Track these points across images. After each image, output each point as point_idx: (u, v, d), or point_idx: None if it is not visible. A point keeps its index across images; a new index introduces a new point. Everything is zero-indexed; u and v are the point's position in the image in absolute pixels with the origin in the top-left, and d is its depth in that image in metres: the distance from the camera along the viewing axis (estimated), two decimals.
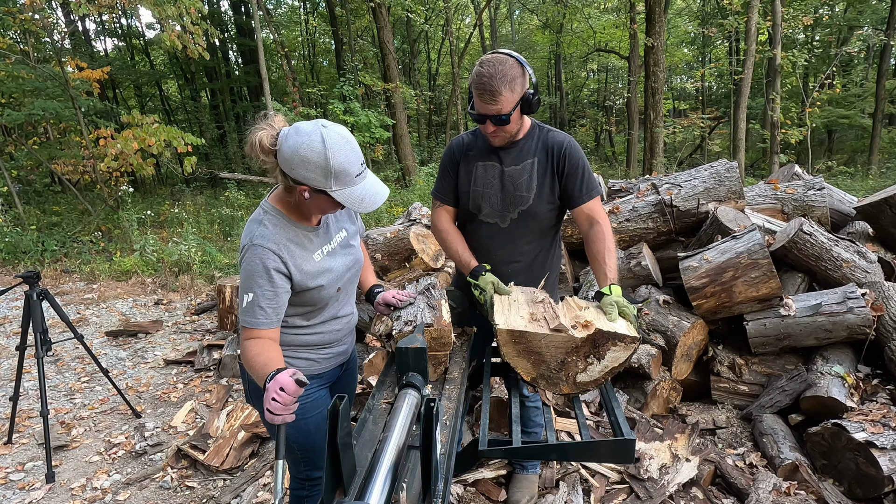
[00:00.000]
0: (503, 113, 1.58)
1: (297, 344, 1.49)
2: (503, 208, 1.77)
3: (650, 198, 3.39)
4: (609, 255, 1.65)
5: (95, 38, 17.96)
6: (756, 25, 9.86)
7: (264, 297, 1.30)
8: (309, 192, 1.29)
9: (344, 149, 1.26)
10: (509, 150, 1.76)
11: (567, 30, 18.00)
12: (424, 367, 1.29)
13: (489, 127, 1.64)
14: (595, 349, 1.37)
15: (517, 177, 1.74)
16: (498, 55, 1.58)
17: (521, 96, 1.60)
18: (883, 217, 3.16)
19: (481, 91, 1.56)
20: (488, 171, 1.77)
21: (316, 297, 1.43)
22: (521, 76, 1.59)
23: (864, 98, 15.70)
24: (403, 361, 1.29)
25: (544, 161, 1.74)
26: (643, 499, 2.09)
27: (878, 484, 2.05)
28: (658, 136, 10.86)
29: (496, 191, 1.77)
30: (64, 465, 2.81)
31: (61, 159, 9.37)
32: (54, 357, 4.23)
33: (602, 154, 19.96)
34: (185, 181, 12.98)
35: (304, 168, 1.25)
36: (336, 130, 1.28)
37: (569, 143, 1.74)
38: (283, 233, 1.35)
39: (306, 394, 1.51)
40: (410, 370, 1.28)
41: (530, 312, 1.48)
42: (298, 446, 1.54)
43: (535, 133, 1.77)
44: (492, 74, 1.54)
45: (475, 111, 1.63)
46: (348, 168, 1.27)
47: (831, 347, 2.67)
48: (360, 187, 1.31)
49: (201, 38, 7.60)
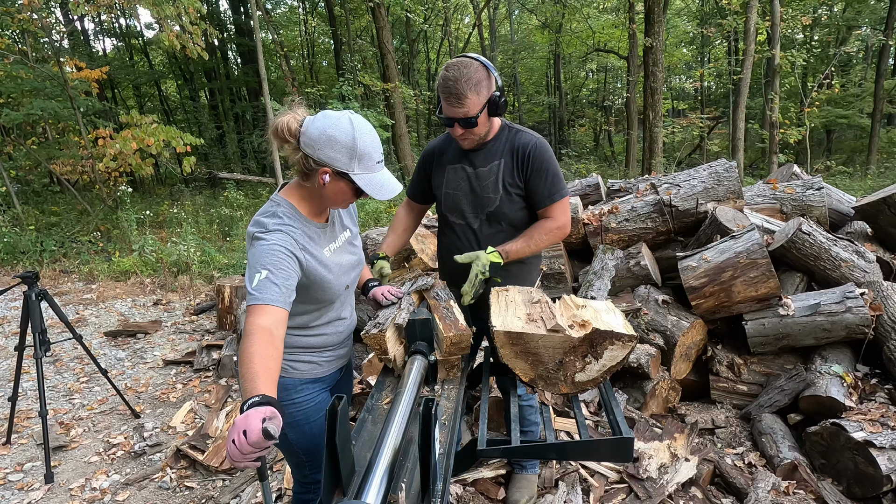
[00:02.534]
0: (470, 115, 1.61)
1: (299, 346, 1.49)
2: (472, 210, 1.81)
3: (649, 198, 3.39)
4: (524, 239, 1.74)
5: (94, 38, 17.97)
6: (755, 25, 9.87)
7: (279, 275, 1.23)
8: (330, 175, 1.31)
9: (370, 134, 1.32)
10: (478, 151, 1.79)
11: (566, 30, 18.01)
12: (430, 335, 1.44)
13: (457, 130, 1.67)
14: (593, 348, 1.37)
15: (484, 178, 1.77)
16: (463, 59, 1.61)
17: (487, 99, 1.62)
18: (881, 217, 3.17)
19: (447, 94, 1.59)
20: (458, 174, 1.82)
21: (325, 291, 1.43)
22: (487, 79, 1.62)
23: (863, 98, 15.70)
24: (411, 332, 1.45)
25: (510, 162, 1.76)
26: (642, 498, 2.09)
27: (877, 483, 2.05)
28: (657, 135, 10.86)
29: (465, 193, 1.81)
30: (63, 465, 2.81)
31: (60, 159, 9.36)
32: (53, 357, 4.23)
33: (601, 154, 19.95)
34: (183, 181, 12.97)
35: (331, 148, 1.27)
36: (362, 117, 1.34)
37: (534, 145, 1.75)
38: (297, 224, 1.36)
39: (309, 398, 1.51)
40: (417, 339, 1.43)
41: (527, 313, 1.48)
42: (303, 450, 1.54)
43: (504, 134, 1.79)
44: (457, 78, 1.57)
45: (443, 115, 1.66)
46: (372, 153, 1.31)
47: (830, 347, 2.68)
48: (380, 175, 1.35)
49: (200, 38, 7.59)
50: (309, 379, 1.51)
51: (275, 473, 2.44)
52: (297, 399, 1.49)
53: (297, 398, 1.49)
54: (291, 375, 1.48)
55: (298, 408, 1.49)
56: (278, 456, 2.62)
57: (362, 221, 8.15)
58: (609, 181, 4.25)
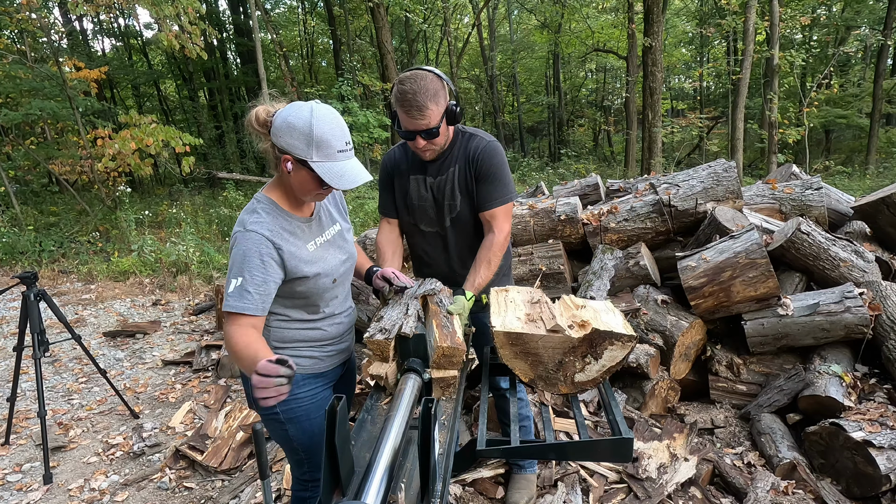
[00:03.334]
0: (431, 126, 1.61)
1: (300, 340, 1.49)
2: (438, 217, 1.82)
3: (648, 198, 3.39)
4: (485, 267, 1.70)
5: (93, 38, 17.94)
6: (754, 25, 9.87)
7: (253, 282, 1.29)
8: (292, 164, 1.30)
9: (330, 122, 1.29)
10: (435, 161, 1.79)
11: (565, 30, 18.00)
12: (424, 351, 1.32)
13: (419, 142, 1.66)
14: (592, 349, 1.37)
15: (443, 186, 1.78)
16: (417, 72, 1.61)
17: (445, 108, 1.63)
18: (880, 216, 3.17)
19: (408, 107, 1.58)
20: (420, 184, 1.83)
21: (312, 287, 1.43)
22: (442, 89, 1.62)
23: (862, 98, 15.73)
24: (405, 347, 1.33)
25: (464, 167, 1.77)
26: (642, 498, 2.09)
27: (876, 483, 2.06)
28: (656, 135, 10.87)
29: (430, 202, 1.82)
30: (62, 466, 2.81)
31: (59, 159, 9.35)
32: (52, 358, 4.22)
33: (600, 154, 19.96)
34: (183, 181, 12.95)
35: (290, 135, 1.28)
36: (327, 107, 1.31)
37: (483, 148, 1.75)
38: (277, 221, 1.36)
39: (311, 394, 1.51)
40: (411, 356, 1.32)
41: (527, 313, 1.47)
42: (302, 447, 1.54)
43: (458, 140, 1.80)
44: (415, 90, 1.57)
45: (403, 129, 1.65)
46: (331, 140, 1.28)
47: (829, 347, 2.68)
48: (342, 164, 1.30)
49: (199, 38, 7.59)
50: (311, 374, 1.51)
51: (274, 474, 2.44)
52: (300, 394, 1.50)
53: (299, 393, 1.49)
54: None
55: (300, 403, 1.50)
56: (278, 456, 2.62)
57: (362, 221, 8.14)
58: (608, 181, 4.25)
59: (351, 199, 9.11)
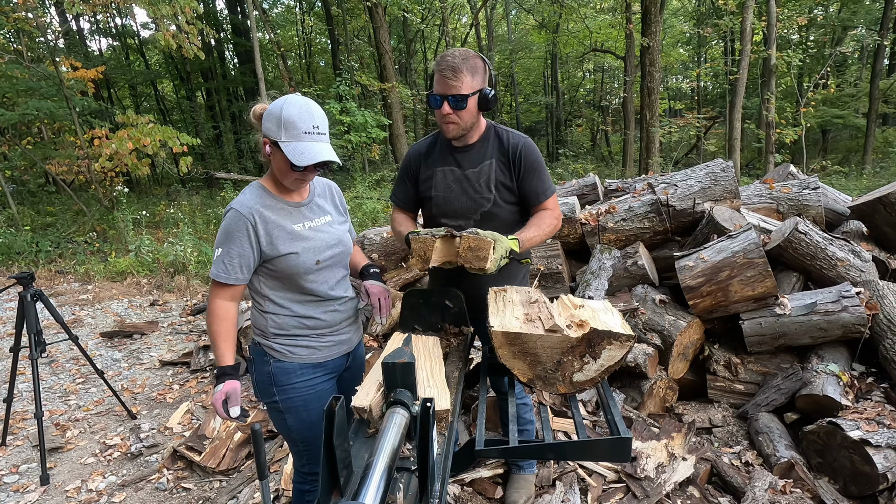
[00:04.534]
0: (461, 93, 1.61)
1: (295, 327, 1.52)
2: (466, 211, 1.80)
3: (646, 197, 3.40)
4: (536, 227, 1.71)
5: (90, 38, 17.88)
6: (751, 25, 9.89)
7: (228, 254, 1.43)
8: (269, 146, 1.43)
9: (299, 106, 1.39)
10: (466, 152, 1.78)
11: (563, 30, 18.02)
12: (412, 382, 1.18)
13: (445, 108, 1.65)
14: (591, 348, 1.37)
15: (475, 179, 1.77)
16: (463, 49, 1.66)
17: (480, 87, 1.65)
18: (877, 216, 3.18)
19: (443, 68, 1.61)
20: (447, 176, 1.80)
21: (293, 265, 1.48)
22: (483, 70, 1.65)
23: (859, 98, 15.78)
24: (390, 378, 1.19)
25: (502, 162, 1.76)
26: (640, 497, 2.10)
27: (873, 481, 2.06)
28: (654, 135, 10.88)
29: (457, 195, 1.79)
30: (59, 467, 2.80)
31: (56, 159, 9.32)
32: (49, 358, 4.21)
33: (598, 154, 19.98)
34: (180, 181, 12.93)
35: (268, 120, 1.41)
36: (304, 97, 1.43)
37: (524, 145, 1.76)
38: (260, 200, 1.47)
39: (309, 384, 1.55)
40: (398, 386, 1.19)
41: (525, 313, 1.47)
42: (300, 438, 1.56)
43: (492, 134, 1.79)
44: (455, 55, 1.62)
45: (434, 93, 1.67)
46: (297, 122, 1.38)
47: (826, 346, 2.69)
48: (305, 145, 1.39)
49: (197, 38, 7.57)
50: (308, 364, 1.54)
51: (272, 474, 2.44)
52: (297, 384, 1.52)
53: (296, 383, 1.52)
54: (290, 360, 1.52)
55: (298, 393, 1.52)
56: (276, 456, 2.61)
57: (360, 221, 8.13)
58: (606, 181, 4.26)
59: (349, 199, 9.10)
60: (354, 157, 12.07)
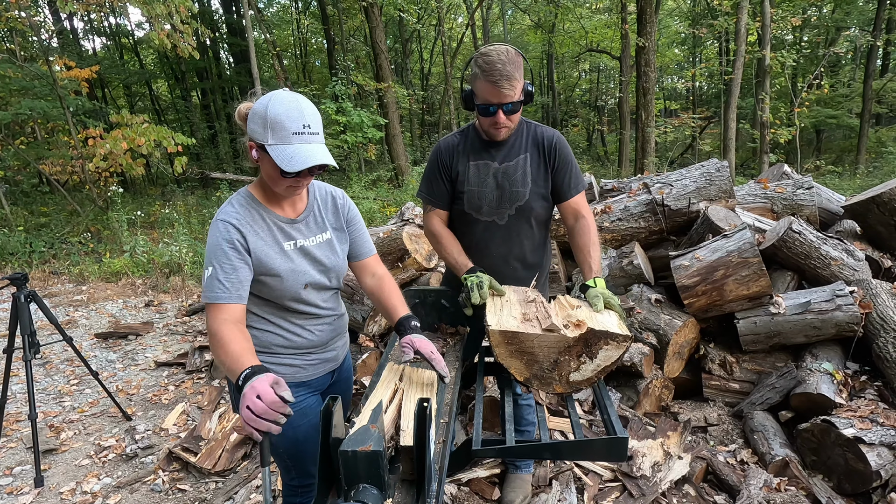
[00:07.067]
0: (516, 99, 1.59)
1: (278, 345, 1.44)
2: (500, 205, 1.77)
3: (642, 197, 3.41)
4: (594, 248, 1.69)
5: (84, 37, 17.78)
6: (745, 26, 9.95)
7: (222, 271, 1.28)
8: (256, 150, 1.30)
9: (286, 104, 1.25)
10: (500, 146, 1.76)
11: (559, 30, 18.05)
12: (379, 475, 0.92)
13: (500, 117, 1.62)
14: (587, 348, 1.37)
15: (512, 173, 1.75)
16: (499, 45, 1.59)
17: (523, 85, 1.62)
18: (870, 215, 3.20)
19: (497, 77, 1.54)
20: (481, 170, 1.77)
21: (279, 287, 1.37)
22: (521, 65, 1.61)
23: (852, 98, 15.88)
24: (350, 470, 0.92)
25: (536, 156, 1.75)
26: (636, 496, 2.10)
27: (867, 479, 2.08)
28: (649, 135, 10.92)
29: (491, 188, 1.76)
30: (53, 469, 2.78)
31: (49, 159, 9.25)
32: (43, 360, 4.18)
33: (594, 154, 20.04)
34: (175, 181, 12.87)
35: (253, 121, 1.28)
36: (292, 93, 1.30)
37: (558, 138, 1.77)
38: (248, 213, 1.35)
39: (295, 402, 1.46)
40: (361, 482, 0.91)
41: (522, 313, 1.47)
42: (288, 455, 1.51)
43: (524, 128, 1.78)
44: (504, 61, 1.54)
45: (484, 102, 1.60)
46: (285, 122, 1.23)
47: (820, 345, 2.70)
48: (295, 147, 1.24)
49: (191, 38, 7.54)
50: (293, 383, 1.46)
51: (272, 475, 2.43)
52: None
53: None
54: None
55: None
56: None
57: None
58: (602, 181, 4.27)
59: None
60: (350, 158, 12.05)
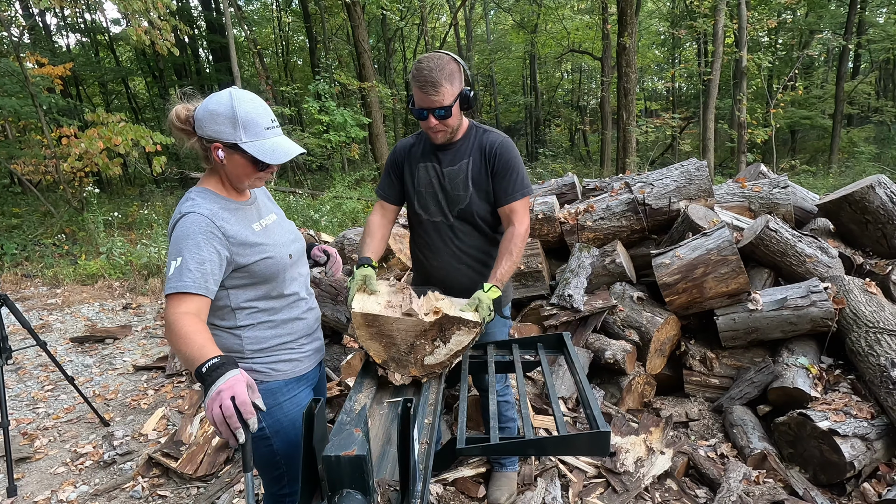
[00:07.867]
0: (444, 105, 1.64)
1: (272, 340, 1.42)
2: (444, 207, 1.83)
3: (623, 196, 3.45)
4: (507, 258, 1.71)
5: (57, 34, 17.27)
6: (723, 28, 10.15)
7: (193, 260, 1.22)
8: (223, 150, 1.29)
9: (251, 101, 1.29)
10: (447, 150, 1.81)
11: (541, 30, 18.18)
12: (363, 479, 0.88)
13: (431, 121, 1.68)
14: (442, 333, 1.48)
15: (454, 177, 1.80)
16: (434, 53, 1.66)
17: (459, 91, 1.66)
18: (843, 214, 3.29)
19: (423, 83, 1.62)
20: (428, 172, 1.83)
21: (271, 264, 1.38)
22: (459, 72, 1.66)
23: (825, 100, 16.34)
24: (334, 475, 0.88)
25: (479, 161, 1.79)
26: (620, 492, 2.13)
27: (841, 470, 2.14)
28: (631, 135, 11.06)
29: (436, 191, 1.83)
30: (27, 477, 2.70)
31: (21, 159, 8.98)
32: (15, 365, 4.06)
33: (577, 153, 20.22)
34: (154, 181, 12.61)
35: (214, 122, 1.27)
36: (246, 91, 1.32)
37: (500, 143, 1.79)
38: (215, 203, 1.33)
39: (295, 401, 1.45)
40: (345, 487, 0.89)
41: (387, 300, 1.56)
42: (285, 460, 1.45)
43: (472, 133, 1.82)
44: (431, 67, 1.61)
45: (416, 107, 1.68)
46: (256, 119, 1.28)
47: (796, 340, 2.77)
48: (271, 141, 1.31)
49: (170, 34, 7.39)
50: (293, 378, 1.46)
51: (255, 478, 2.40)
52: (284, 403, 1.42)
53: (283, 402, 1.42)
54: (274, 378, 1.42)
55: (286, 412, 1.43)
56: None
57: (339, 221, 8.06)
58: (584, 180, 4.31)
59: (329, 199, 9.00)
60: (334, 157, 11.96)
